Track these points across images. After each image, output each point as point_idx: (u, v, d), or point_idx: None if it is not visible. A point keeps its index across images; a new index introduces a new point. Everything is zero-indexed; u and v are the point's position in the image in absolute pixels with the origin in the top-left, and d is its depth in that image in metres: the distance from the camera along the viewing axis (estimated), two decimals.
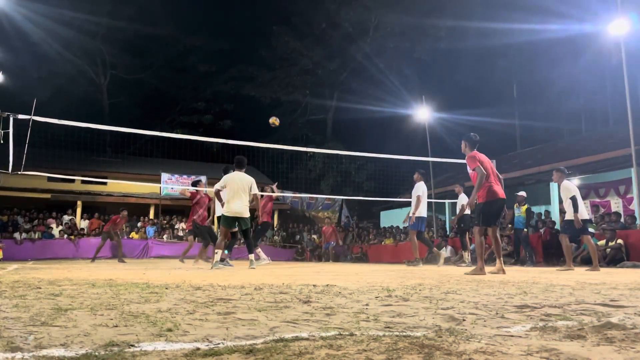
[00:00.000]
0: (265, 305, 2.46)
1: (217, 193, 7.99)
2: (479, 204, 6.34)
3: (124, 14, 30.64)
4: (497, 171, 6.62)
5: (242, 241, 11.20)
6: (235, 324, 1.90)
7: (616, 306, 2.48)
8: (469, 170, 6.32)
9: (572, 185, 8.14)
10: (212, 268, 7.43)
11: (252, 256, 7.93)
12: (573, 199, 7.82)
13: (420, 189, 9.69)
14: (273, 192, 11.21)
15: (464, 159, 6.58)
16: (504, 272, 6.05)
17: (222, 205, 7.96)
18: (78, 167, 21.27)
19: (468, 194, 9.77)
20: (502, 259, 6.25)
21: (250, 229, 7.91)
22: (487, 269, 6.30)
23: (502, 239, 12.49)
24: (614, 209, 14.16)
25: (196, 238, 11.83)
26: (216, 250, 7.74)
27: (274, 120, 9.88)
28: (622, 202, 14.32)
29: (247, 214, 7.76)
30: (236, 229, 8.23)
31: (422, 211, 9.65)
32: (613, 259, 10.00)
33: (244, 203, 7.70)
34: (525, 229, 11.68)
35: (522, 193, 11.91)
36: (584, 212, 8.16)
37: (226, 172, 9.33)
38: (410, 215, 9.73)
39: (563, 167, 8.47)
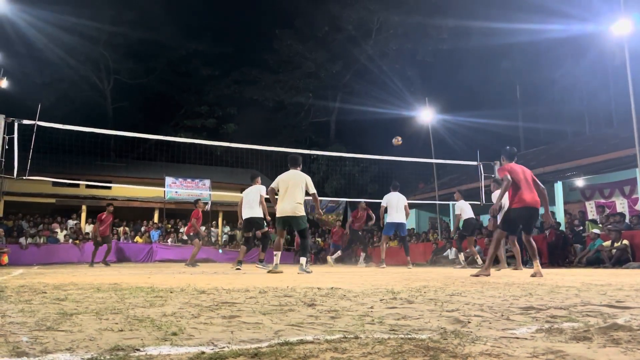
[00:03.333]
0: (269, 309, 2.46)
1: (271, 190, 7.45)
2: (508, 209, 6.47)
3: (126, 19, 30.77)
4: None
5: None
6: (240, 327, 1.90)
7: (622, 307, 2.47)
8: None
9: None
10: (272, 271, 7.11)
11: (303, 260, 7.38)
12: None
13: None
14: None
15: (467, 160, 6.64)
16: (541, 274, 5.95)
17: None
18: (82, 172, 21.37)
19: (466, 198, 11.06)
20: (538, 261, 6.22)
21: (307, 229, 7.53)
22: (527, 271, 6.31)
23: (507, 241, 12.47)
24: (619, 209, 14.10)
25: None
26: (275, 252, 7.42)
27: (397, 141, 11.11)
28: (628, 203, 14.25)
29: (299, 213, 7.26)
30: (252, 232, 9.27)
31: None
32: (618, 260, 9.95)
33: (296, 201, 7.22)
34: None
35: None
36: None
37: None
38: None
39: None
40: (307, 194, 7.50)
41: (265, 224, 9.38)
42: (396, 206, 10.68)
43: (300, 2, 32.86)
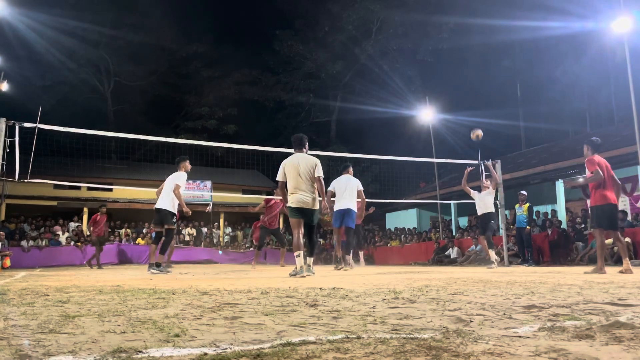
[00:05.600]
0: (272, 309, 2.46)
1: (282, 186, 6.40)
2: (592, 207, 6.55)
3: (127, 22, 30.78)
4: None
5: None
6: (243, 328, 1.90)
7: (624, 305, 2.46)
8: (587, 173, 6.55)
9: None
10: (295, 275, 5.92)
11: (310, 260, 6.35)
12: None
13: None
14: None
15: (468, 159, 6.61)
16: (631, 271, 6.09)
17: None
18: (84, 174, 21.35)
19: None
20: (627, 258, 6.36)
21: (315, 226, 6.43)
22: (613, 269, 6.36)
23: (509, 239, 12.48)
24: (620, 207, 14.08)
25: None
26: (297, 253, 6.08)
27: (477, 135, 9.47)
28: (629, 200, 14.24)
29: (317, 206, 6.28)
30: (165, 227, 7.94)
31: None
32: (620, 258, 9.93)
33: (313, 192, 6.23)
34: (527, 227, 11.67)
35: (523, 192, 11.95)
36: None
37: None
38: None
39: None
40: None
41: (174, 219, 8.14)
42: (343, 191, 8.80)
43: (301, 2, 32.90)
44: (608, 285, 3.74)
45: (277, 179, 6.41)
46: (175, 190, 7.87)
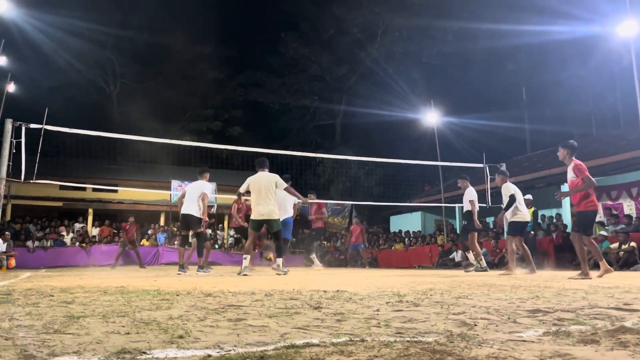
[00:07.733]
0: (275, 312, 2.46)
1: (239, 195, 7.73)
2: (580, 212, 6.39)
3: (133, 23, 30.90)
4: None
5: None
6: (246, 330, 1.90)
7: (630, 310, 2.45)
8: (572, 177, 6.31)
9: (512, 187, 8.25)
10: (239, 274, 7.22)
11: (280, 260, 7.58)
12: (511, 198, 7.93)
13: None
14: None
15: (471, 163, 6.60)
16: (589, 277, 6.07)
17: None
18: (89, 175, 21.46)
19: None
20: (587, 263, 6.31)
21: (280, 232, 7.56)
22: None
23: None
24: (626, 211, 14.01)
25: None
26: (245, 256, 7.42)
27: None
28: (635, 205, 14.16)
29: (275, 216, 7.40)
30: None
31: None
32: (626, 262, 9.89)
33: (271, 204, 7.34)
34: (531, 232, 11.61)
35: (529, 196, 11.88)
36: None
37: (201, 173, 8.82)
38: None
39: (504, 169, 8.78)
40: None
41: (201, 224, 8.77)
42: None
43: (306, 5, 32.96)
44: (613, 290, 3.72)
45: (240, 190, 7.61)
46: (204, 198, 8.51)
